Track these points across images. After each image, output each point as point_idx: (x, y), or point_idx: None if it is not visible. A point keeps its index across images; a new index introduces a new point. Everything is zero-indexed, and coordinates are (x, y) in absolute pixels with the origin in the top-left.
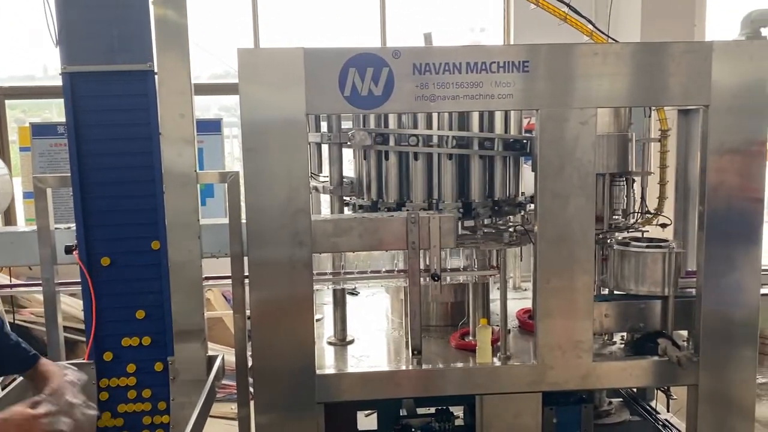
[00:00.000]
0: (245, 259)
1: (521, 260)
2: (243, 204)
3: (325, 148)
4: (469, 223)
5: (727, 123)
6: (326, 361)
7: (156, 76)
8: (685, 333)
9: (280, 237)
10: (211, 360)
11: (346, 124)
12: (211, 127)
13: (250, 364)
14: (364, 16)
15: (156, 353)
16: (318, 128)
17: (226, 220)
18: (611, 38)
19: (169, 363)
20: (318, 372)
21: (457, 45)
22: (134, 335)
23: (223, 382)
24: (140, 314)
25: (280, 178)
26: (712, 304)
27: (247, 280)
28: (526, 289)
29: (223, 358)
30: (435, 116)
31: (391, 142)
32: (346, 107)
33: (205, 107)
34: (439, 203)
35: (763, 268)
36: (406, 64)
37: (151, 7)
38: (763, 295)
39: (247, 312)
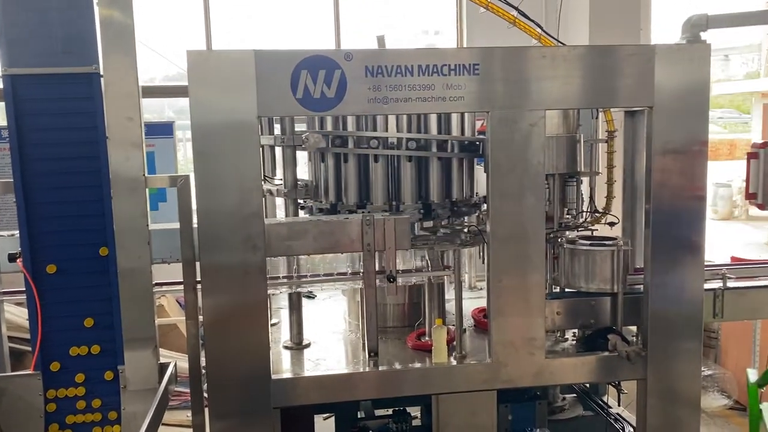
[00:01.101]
0: (197, 264)
1: (483, 262)
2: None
3: (278, 150)
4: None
5: (670, 124)
6: (282, 366)
7: (102, 79)
8: (634, 328)
9: (232, 241)
10: (163, 367)
11: (301, 127)
12: (163, 130)
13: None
14: (321, 20)
15: (106, 362)
16: (271, 131)
17: (177, 225)
18: (559, 41)
19: (119, 372)
20: (274, 377)
21: (408, 48)
22: (83, 344)
23: (178, 389)
24: (89, 322)
25: (232, 182)
26: (658, 299)
27: (199, 286)
28: (481, 289)
29: (175, 365)
30: (385, 118)
31: (337, 144)
32: (299, 109)
33: (159, 109)
34: (368, 204)
35: (706, 264)
36: (358, 67)
37: (96, 9)
38: (706, 290)
39: (201, 318)
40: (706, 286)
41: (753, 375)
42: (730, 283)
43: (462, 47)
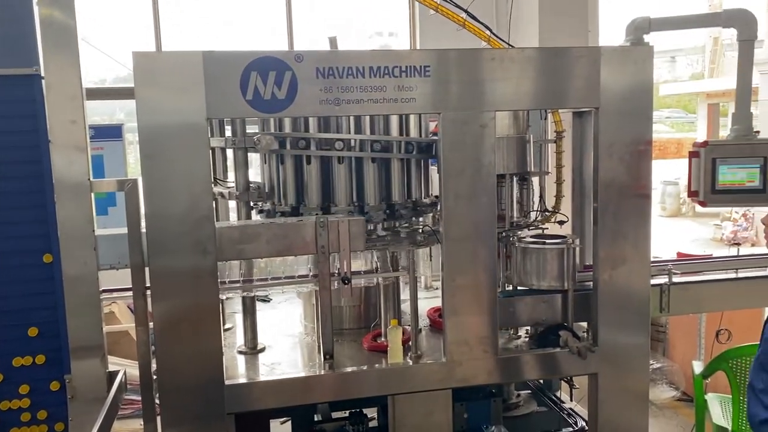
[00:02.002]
0: (147, 269)
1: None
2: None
3: (230, 153)
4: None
5: (616, 124)
6: (237, 371)
7: (43, 81)
8: (585, 324)
9: (182, 245)
10: (112, 376)
11: (254, 129)
12: (112, 132)
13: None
14: (275, 22)
15: (51, 372)
16: (222, 133)
17: (125, 230)
18: (508, 44)
19: (66, 381)
20: (227, 382)
21: (359, 49)
22: (27, 354)
23: (131, 397)
24: (33, 332)
25: (181, 185)
26: (607, 296)
27: (149, 292)
28: (437, 288)
29: (125, 373)
30: (344, 120)
31: (289, 146)
32: (249, 111)
33: (111, 112)
34: (302, 207)
35: (652, 260)
36: (309, 68)
37: (36, 8)
38: (653, 285)
39: (151, 324)
40: (653, 281)
41: (698, 367)
42: (676, 279)
43: (413, 49)
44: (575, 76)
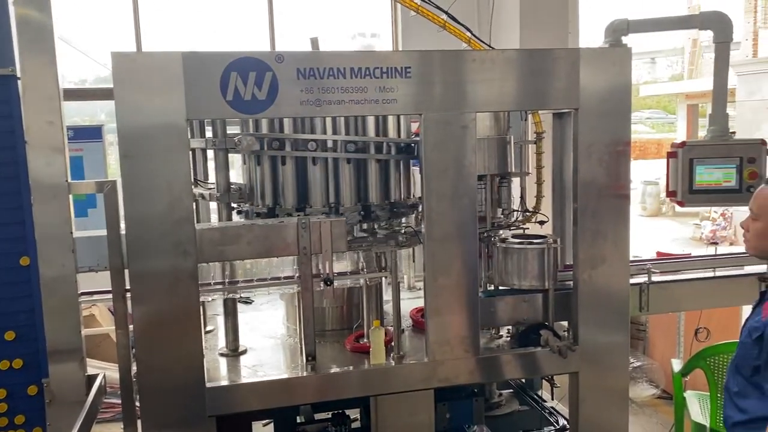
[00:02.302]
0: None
1: (414, 261)
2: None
3: (211, 153)
4: None
5: (595, 125)
6: (218, 373)
7: (19, 81)
8: (565, 323)
9: (162, 247)
10: (91, 379)
11: (235, 129)
12: (92, 133)
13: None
14: (257, 23)
15: (29, 376)
16: (203, 134)
17: (104, 232)
18: (489, 45)
19: (44, 385)
20: (209, 384)
21: (341, 50)
22: (3, 358)
23: (113, 401)
24: (9, 335)
25: (161, 186)
26: (586, 295)
27: (129, 294)
28: (420, 289)
29: (104, 377)
30: (318, 120)
31: (265, 147)
32: (229, 112)
33: (92, 113)
34: (277, 208)
35: (632, 259)
36: (290, 69)
37: (12, 8)
38: (632, 284)
39: (132, 327)
40: (632, 280)
41: (677, 365)
42: (655, 278)
43: (395, 51)
44: (555, 77)
